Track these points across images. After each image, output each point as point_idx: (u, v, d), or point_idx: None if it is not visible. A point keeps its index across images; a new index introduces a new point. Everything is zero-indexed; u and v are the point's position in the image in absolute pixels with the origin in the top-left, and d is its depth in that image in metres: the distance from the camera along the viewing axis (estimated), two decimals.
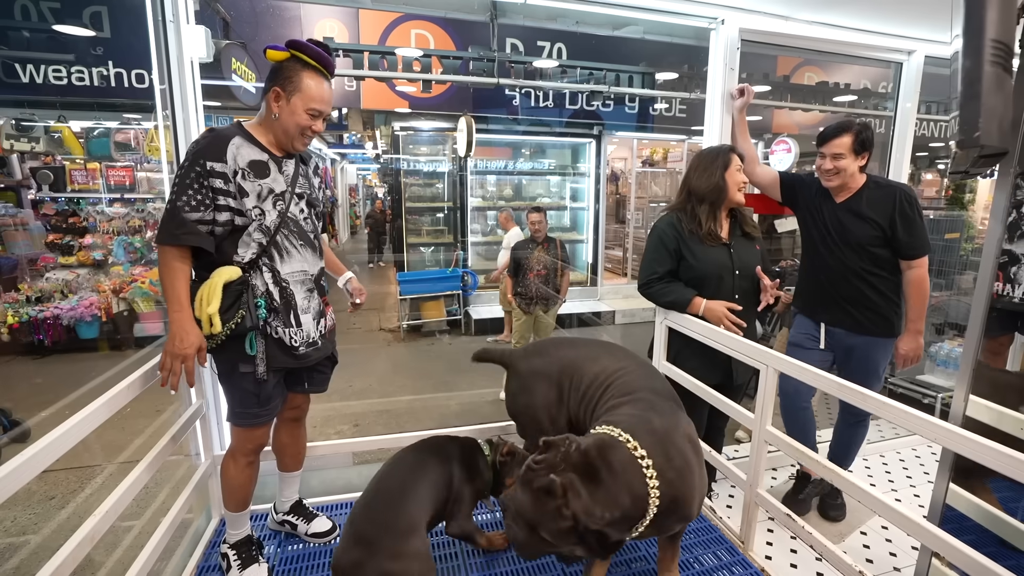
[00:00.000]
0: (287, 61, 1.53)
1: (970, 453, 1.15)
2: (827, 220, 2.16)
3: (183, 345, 1.41)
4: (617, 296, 8.05)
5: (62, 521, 2.75)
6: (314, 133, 1.60)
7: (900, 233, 2.02)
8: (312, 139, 1.63)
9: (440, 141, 7.48)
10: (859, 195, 2.10)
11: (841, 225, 2.12)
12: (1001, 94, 1.09)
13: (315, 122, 1.58)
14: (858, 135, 2.05)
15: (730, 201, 2.06)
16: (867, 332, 2.13)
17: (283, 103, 1.54)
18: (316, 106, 1.55)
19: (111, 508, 1.34)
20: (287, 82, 1.52)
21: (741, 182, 2.05)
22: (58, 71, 5.12)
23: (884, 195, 2.06)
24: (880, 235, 2.05)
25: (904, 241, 2.03)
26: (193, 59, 1.95)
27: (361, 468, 2.59)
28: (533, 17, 6.25)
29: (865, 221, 2.06)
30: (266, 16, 5.24)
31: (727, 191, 2.03)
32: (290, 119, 1.55)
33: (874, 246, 2.07)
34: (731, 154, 2.07)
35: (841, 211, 2.13)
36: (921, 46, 2.77)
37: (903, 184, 2.13)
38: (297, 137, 1.58)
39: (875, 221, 2.04)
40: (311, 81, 1.54)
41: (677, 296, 2.05)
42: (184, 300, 1.44)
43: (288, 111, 1.54)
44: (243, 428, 1.64)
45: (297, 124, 1.55)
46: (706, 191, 2.04)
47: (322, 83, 1.57)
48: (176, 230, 1.43)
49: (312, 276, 1.67)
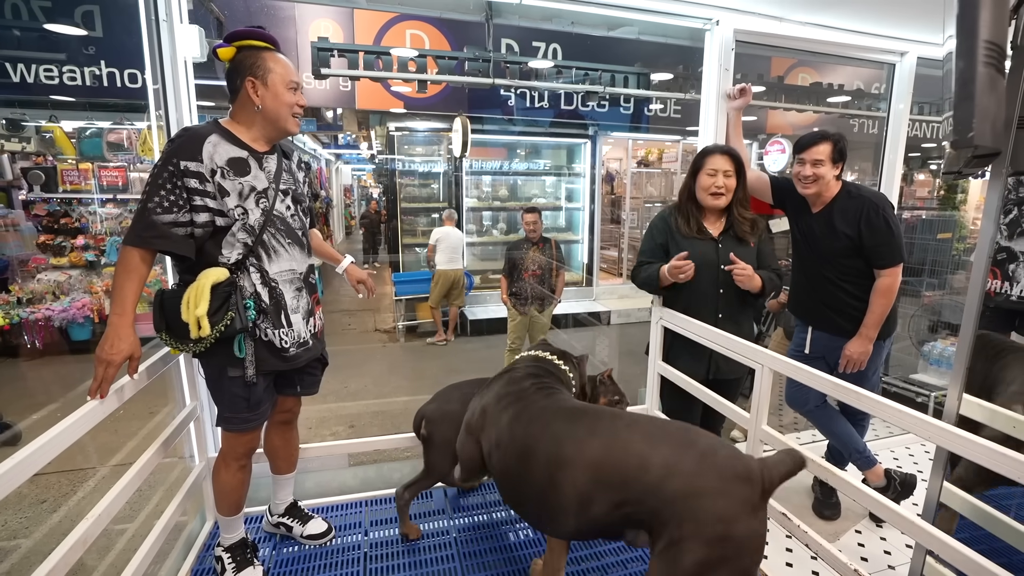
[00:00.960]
0: (240, 53, 1.52)
1: (963, 451, 1.16)
2: (804, 229, 2.19)
3: (112, 351, 1.34)
4: (612, 296, 8.06)
5: (54, 525, 2.73)
6: (302, 108, 1.60)
7: (866, 241, 2.01)
8: (301, 116, 1.62)
9: (435, 141, 7.47)
10: (831, 206, 2.10)
11: (814, 235, 2.13)
12: (994, 95, 1.10)
13: (298, 96, 1.58)
14: (836, 144, 2.06)
15: (706, 204, 2.07)
16: (848, 335, 2.13)
17: (262, 89, 1.52)
18: (293, 78, 1.56)
19: (104, 511, 1.33)
20: (256, 69, 1.51)
21: (713, 186, 2.03)
22: (49, 70, 5.09)
23: (853, 205, 2.04)
24: (848, 245, 2.04)
25: (870, 249, 2.01)
26: (187, 58, 1.94)
27: (356, 470, 2.58)
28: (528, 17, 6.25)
29: (835, 233, 2.06)
30: (260, 16, 5.22)
31: (696, 197, 2.09)
32: (275, 101, 1.53)
33: (846, 257, 2.07)
34: (704, 157, 2.07)
35: (816, 221, 2.13)
36: (914, 47, 2.79)
37: (875, 194, 2.10)
38: (288, 118, 1.57)
39: (845, 233, 2.04)
40: (275, 59, 1.54)
41: (649, 272, 2.12)
42: (129, 305, 1.39)
43: (271, 95, 1.53)
44: (233, 433, 1.62)
45: (285, 103, 1.54)
46: (680, 193, 2.15)
47: (282, 58, 1.56)
48: (143, 232, 1.39)
49: (301, 275, 1.65)
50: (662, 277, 2.06)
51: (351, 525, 2.05)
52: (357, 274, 1.99)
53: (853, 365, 2.11)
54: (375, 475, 2.55)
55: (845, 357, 2.11)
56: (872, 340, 2.08)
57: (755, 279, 2.02)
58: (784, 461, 1.15)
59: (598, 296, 8.02)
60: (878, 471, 2.19)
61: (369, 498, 2.22)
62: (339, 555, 1.88)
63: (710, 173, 2.04)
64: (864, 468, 2.20)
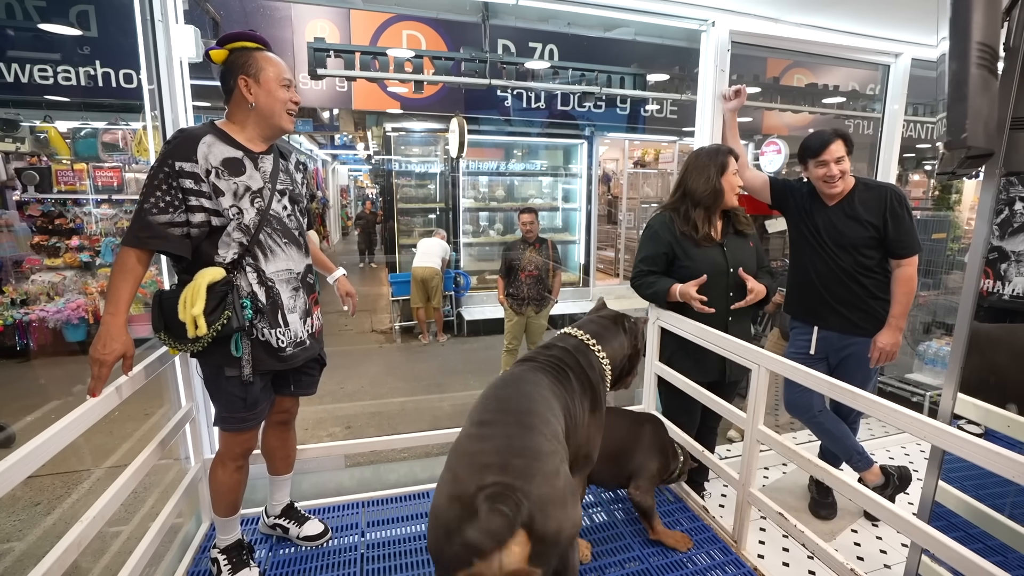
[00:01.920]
0: (232, 54, 1.54)
1: (958, 451, 1.17)
2: (819, 224, 2.17)
3: (105, 350, 1.36)
4: (609, 297, 7.96)
5: (48, 527, 2.71)
6: (296, 105, 1.61)
7: (891, 232, 2.04)
8: (296, 113, 1.63)
9: (432, 142, 7.47)
10: (851, 197, 2.12)
11: (835, 228, 2.13)
12: (987, 96, 1.11)
13: (292, 92, 1.59)
14: (846, 138, 2.08)
15: (726, 205, 2.06)
16: (861, 333, 2.15)
17: (255, 87, 1.53)
18: (285, 75, 1.57)
19: (99, 513, 1.32)
20: (248, 67, 1.53)
21: (737, 185, 2.05)
22: (44, 70, 5.06)
23: (875, 196, 2.08)
24: (873, 235, 2.07)
25: (895, 240, 2.05)
26: (182, 59, 1.93)
27: (353, 471, 2.57)
28: (525, 18, 6.25)
29: (859, 222, 2.08)
30: (256, 16, 5.21)
31: (723, 195, 2.03)
32: (269, 98, 1.54)
33: (867, 247, 2.09)
34: (728, 156, 2.06)
35: (834, 214, 2.14)
36: (908, 49, 2.80)
37: (892, 184, 2.16)
38: (282, 114, 1.58)
39: (869, 222, 2.06)
40: (266, 57, 1.55)
41: (657, 288, 2.08)
42: (123, 305, 1.40)
43: (264, 92, 1.54)
44: (231, 432, 1.62)
45: (279, 99, 1.55)
46: (702, 195, 2.03)
47: (273, 57, 1.58)
48: (140, 233, 1.41)
49: (298, 274, 1.65)
50: (672, 294, 2.05)
51: (348, 526, 2.04)
52: (347, 287, 2.01)
53: (886, 357, 2.12)
54: (372, 476, 2.54)
55: (877, 350, 2.11)
56: (901, 331, 2.09)
57: (762, 289, 2.04)
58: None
59: (595, 296, 8.02)
60: (875, 470, 2.20)
61: (366, 499, 2.21)
62: (336, 556, 1.87)
63: (734, 172, 2.06)
64: (864, 469, 2.21)
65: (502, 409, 1.21)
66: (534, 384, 1.31)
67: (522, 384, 1.30)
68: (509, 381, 1.32)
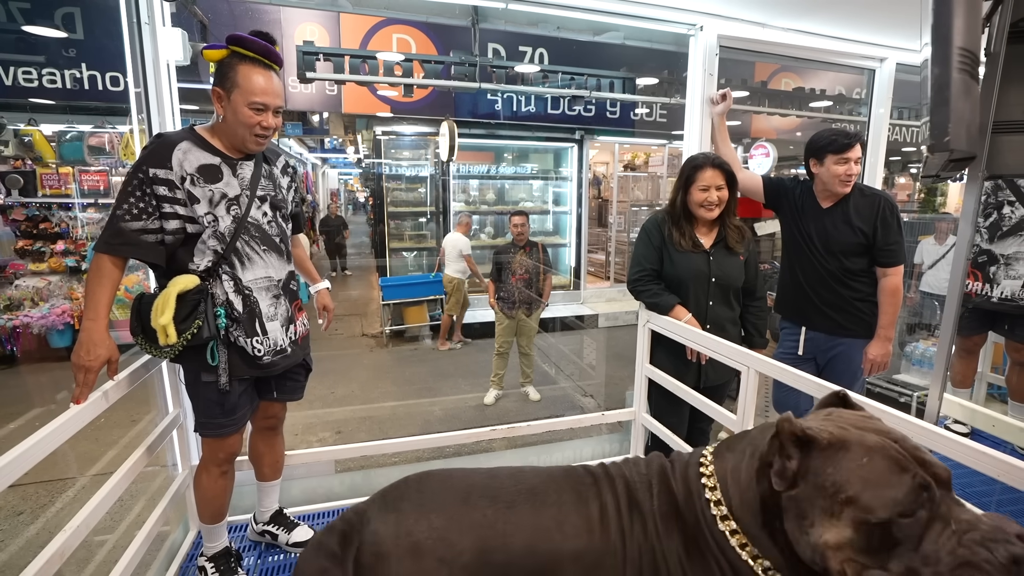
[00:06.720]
0: (226, 58, 1.47)
1: (945, 450, 1.18)
2: (811, 225, 2.19)
3: (89, 356, 1.33)
4: (600, 300, 8.09)
5: (31, 537, 2.66)
6: (266, 130, 1.50)
7: (879, 240, 2.06)
8: (268, 137, 1.53)
9: (422, 145, 7.46)
10: (846, 201, 2.13)
11: (825, 231, 2.15)
12: (969, 100, 1.13)
13: (263, 116, 1.48)
14: (864, 143, 2.11)
15: (699, 217, 2.07)
16: (849, 334, 2.17)
17: (225, 102, 1.47)
18: (258, 99, 1.45)
19: (83, 522, 1.30)
20: (224, 79, 1.46)
21: (705, 200, 2.01)
22: (28, 73, 5.01)
23: (868, 203, 2.10)
24: (862, 241, 2.09)
25: (882, 248, 2.07)
26: (170, 62, 1.92)
27: (343, 476, 2.55)
28: (514, 22, 6.29)
29: (850, 227, 2.10)
30: (244, 19, 5.19)
31: (688, 209, 2.07)
32: (234, 118, 1.47)
33: (855, 254, 2.11)
34: (696, 171, 2.03)
35: (827, 216, 2.16)
36: (892, 54, 2.84)
37: (886, 193, 2.18)
38: (248, 137, 1.49)
39: (859, 228, 2.08)
40: (250, 73, 1.45)
41: (661, 301, 2.08)
42: (102, 310, 1.38)
43: (231, 110, 1.46)
44: (212, 438, 1.61)
45: (242, 122, 1.47)
46: (670, 204, 2.12)
47: (262, 74, 1.47)
48: (112, 239, 1.39)
49: (278, 281, 1.62)
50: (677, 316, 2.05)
51: None
52: (325, 301, 2.01)
53: (878, 367, 2.14)
54: (362, 481, 2.52)
55: (868, 361, 2.13)
56: (891, 340, 2.12)
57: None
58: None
59: (586, 299, 8.05)
60: None
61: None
62: None
63: (703, 188, 2.01)
64: None
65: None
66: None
67: None
68: None
